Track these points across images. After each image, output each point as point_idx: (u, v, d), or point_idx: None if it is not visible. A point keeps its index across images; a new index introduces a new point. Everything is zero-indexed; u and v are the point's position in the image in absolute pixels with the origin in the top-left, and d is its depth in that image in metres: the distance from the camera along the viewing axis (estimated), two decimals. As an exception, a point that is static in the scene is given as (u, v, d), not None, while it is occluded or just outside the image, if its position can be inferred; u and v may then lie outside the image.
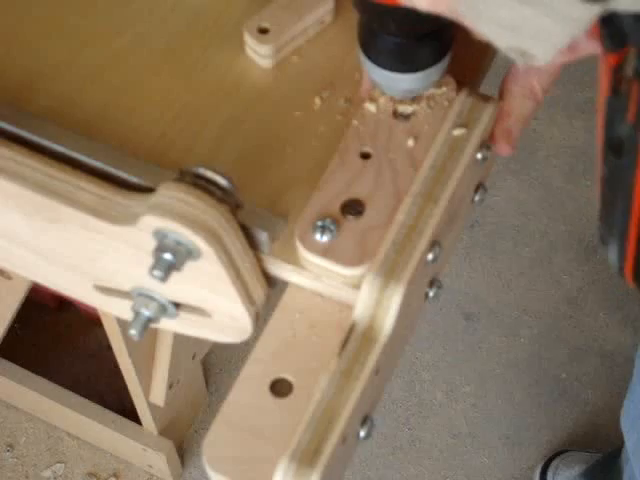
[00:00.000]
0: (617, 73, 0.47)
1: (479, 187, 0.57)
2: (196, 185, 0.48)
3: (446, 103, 0.54)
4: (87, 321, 1.37)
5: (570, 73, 1.68)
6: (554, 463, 1.33)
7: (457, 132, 0.53)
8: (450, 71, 0.55)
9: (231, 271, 0.49)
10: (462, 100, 0.54)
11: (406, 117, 0.54)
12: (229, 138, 0.56)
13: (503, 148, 0.56)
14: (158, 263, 0.47)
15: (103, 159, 0.53)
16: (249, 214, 0.51)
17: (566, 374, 1.40)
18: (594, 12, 0.39)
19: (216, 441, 0.49)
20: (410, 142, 0.53)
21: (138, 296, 0.53)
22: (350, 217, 0.51)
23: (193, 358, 1.16)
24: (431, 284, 0.54)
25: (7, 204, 0.52)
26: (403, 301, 0.48)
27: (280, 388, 0.49)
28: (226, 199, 0.49)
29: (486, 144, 0.54)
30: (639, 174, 0.48)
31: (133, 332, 0.52)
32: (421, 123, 0.54)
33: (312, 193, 0.52)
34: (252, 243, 0.51)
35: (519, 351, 1.42)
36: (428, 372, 1.41)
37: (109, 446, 1.30)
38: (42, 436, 1.32)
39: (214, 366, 1.39)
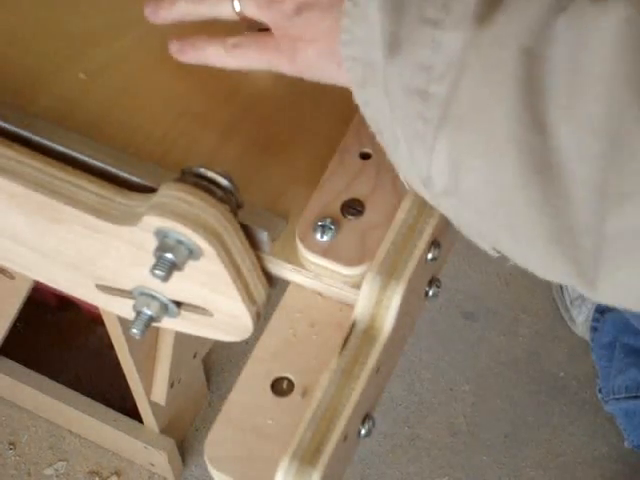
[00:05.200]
0: None
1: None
2: (197, 185, 0.48)
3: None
4: (89, 320, 1.37)
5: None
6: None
7: None
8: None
9: (232, 270, 0.49)
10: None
11: (406, 117, 0.54)
12: (230, 138, 0.56)
13: None
14: (159, 262, 0.48)
15: (104, 159, 0.53)
16: (250, 214, 0.51)
17: (565, 373, 1.41)
18: None
19: (218, 440, 0.49)
20: (410, 142, 0.53)
21: (140, 295, 0.53)
22: (350, 217, 0.51)
23: (194, 357, 1.17)
24: (430, 283, 0.54)
25: (9, 204, 0.52)
26: (403, 300, 0.49)
27: (281, 387, 0.50)
28: (227, 199, 0.49)
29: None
30: None
31: (135, 331, 0.52)
32: (421, 123, 0.54)
33: (312, 193, 0.52)
34: (253, 243, 0.51)
35: (518, 350, 1.42)
36: (427, 371, 1.41)
37: (111, 444, 1.30)
38: (44, 434, 1.33)
39: (215, 365, 1.39)
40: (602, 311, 1.35)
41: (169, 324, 0.56)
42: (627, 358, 1.25)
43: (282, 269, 0.52)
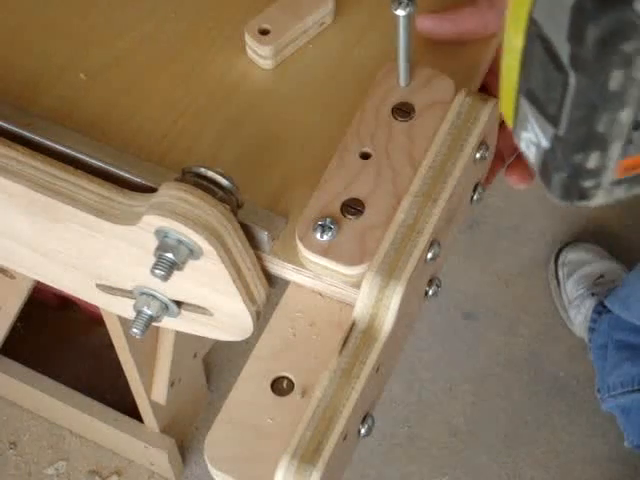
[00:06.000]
0: None
1: (477, 186, 0.57)
2: (197, 185, 0.49)
3: (445, 103, 0.54)
4: (89, 320, 1.37)
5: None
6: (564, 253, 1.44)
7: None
8: (448, 71, 0.56)
9: (232, 270, 0.49)
10: (461, 100, 0.54)
11: (405, 117, 0.54)
12: (230, 138, 0.56)
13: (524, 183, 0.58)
14: (159, 262, 0.48)
15: (105, 159, 0.53)
16: (250, 213, 0.51)
17: (564, 372, 1.41)
18: None
19: (218, 440, 0.49)
20: (409, 142, 0.53)
21: (140, 295, 0.53)
22: (350, 216, 0.51)
23: (194, 356, 1.17)
24: (430, 283, 0.54)
25: (10, 204, 0.52)
26: (403, 299, 0.49)
27: (281, 386, 0.50)
28: (227, 199, 0.49)
29: (485, 143, 0.54)
30: None
31: (135, 331, 0.52)
32: (420, 123, 0.54)
33: (312, 193, 0.52)
34: (253, 242, 0.51)
35: (517, 350, 1.42)
36: (427, 371, 1.41)
37: (111, 444, 1.30)
38: (45, 434, 1.33)
39: (215, 364, 1.39)
40: (599, 312, 1.35)
41: (169, 324, 0.56)
42: (620, 354, 1.26)
43: (282, 269, 0.52)
